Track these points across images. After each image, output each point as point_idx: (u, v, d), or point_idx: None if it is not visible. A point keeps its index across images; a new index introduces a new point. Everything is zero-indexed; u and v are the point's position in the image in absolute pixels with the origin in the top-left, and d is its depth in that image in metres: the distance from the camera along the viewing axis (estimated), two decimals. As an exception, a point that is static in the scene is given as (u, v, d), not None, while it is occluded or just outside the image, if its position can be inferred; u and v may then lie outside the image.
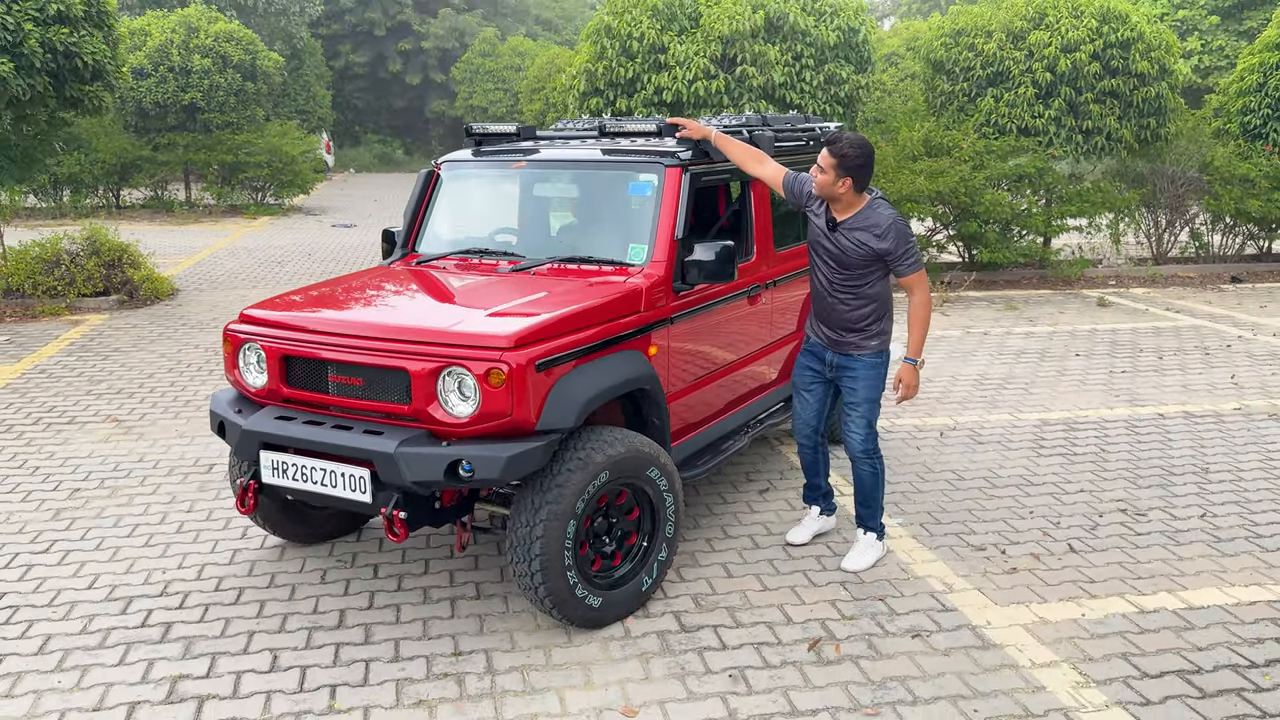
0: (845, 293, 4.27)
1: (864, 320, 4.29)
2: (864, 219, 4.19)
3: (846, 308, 4.28)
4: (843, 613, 4.10)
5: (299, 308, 4.14)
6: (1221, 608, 4.15)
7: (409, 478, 3.57)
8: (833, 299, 4.30)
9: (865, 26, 11.80)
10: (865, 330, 4.30)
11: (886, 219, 4.18)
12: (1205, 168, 12.25)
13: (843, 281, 4.25)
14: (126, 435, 6.41)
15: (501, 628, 3.98)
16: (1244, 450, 6.13)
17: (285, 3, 29.34)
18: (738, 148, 4.58)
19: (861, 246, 4.16)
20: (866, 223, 4.18)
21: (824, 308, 4.36)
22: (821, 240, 4.29)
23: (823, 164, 4.15)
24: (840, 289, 4.27)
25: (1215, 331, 9.55)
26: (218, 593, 4.29)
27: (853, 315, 4.28)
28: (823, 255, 4.29)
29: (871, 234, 4.15)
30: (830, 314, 4.33)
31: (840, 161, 4.09)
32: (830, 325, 4.36)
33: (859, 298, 4.26)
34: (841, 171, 4.11)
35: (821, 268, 4.32)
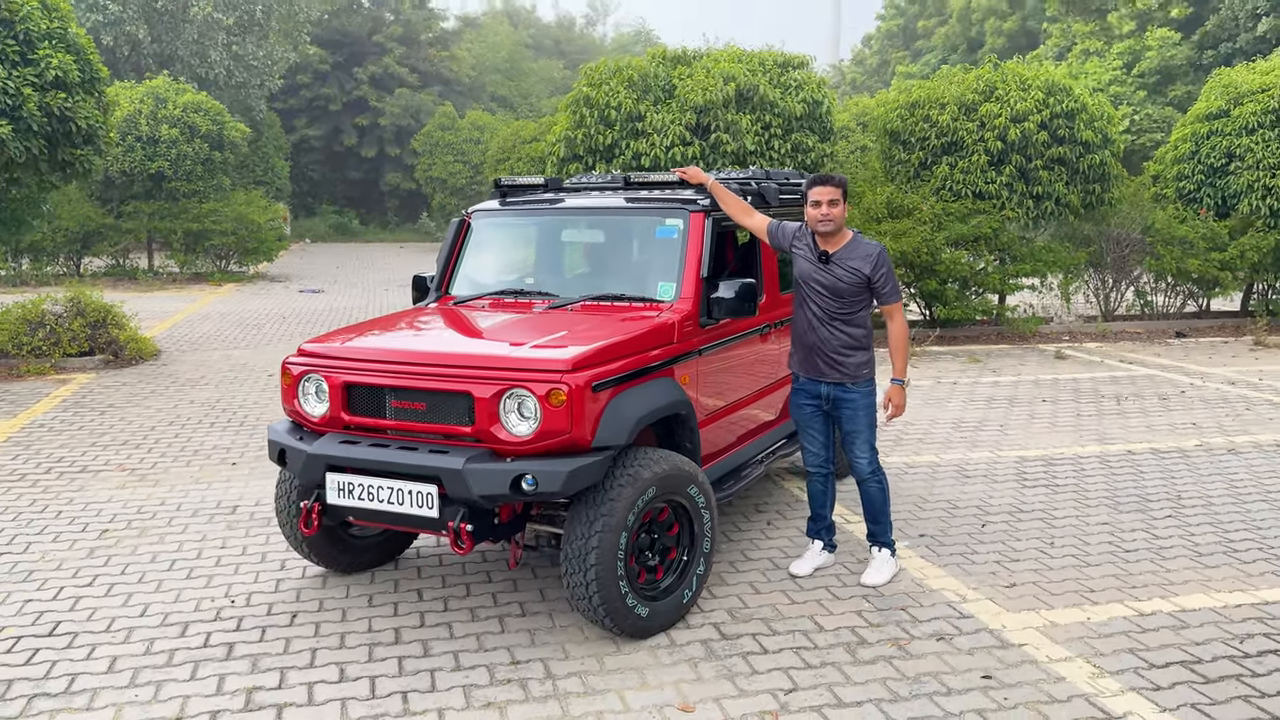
0: (839, 320, 4.63)
1: (855, 347, 4.66)
2: (854, 248, 4.63)
3: (839, 337, 4.64)
4: (869, 621, 4.40)
5: (358, 341, 4.40)
6: (1212, 610, 4.52)
7: (476, 492, 3.82)
8: (827, 329, 4.64)
9: (827, 100, 12.48)
10: (857, 356, 4.66)
11: (875, 248, 4.65)
12: (1147, 230, 13.03)
13: (837, 310, 4.62)
14: (142, 482, 6.52)
15: (552, 640, 4.20)
16: (1210, 480, 6.58)
17: (245, 76, 29.70)
18: (730, 198, 4.98)
19: (855, 274, 4.56)
20: (857, 252, 4.61)
21: (816, 340, 4.67)
22: (814, 274, 4.65)
23: (831, 196, 4.58)
24: (834, 317, 4.63)
25: (1168, 380, 10.14)
26: (270, 617, 4.45)
27: (845, 343, 4.64)
28: (816, 288, 4.64)
29: (864, 261, 4.57)
30: (824, 345, 4.66)
31: (844, 189, 4.61)
32: (824, 356, 4.67)
33: (851, 324, 4.64)
34: (842, 192, 4.60)
35: (815, 300, 4.66)
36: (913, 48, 47.61)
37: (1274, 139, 12.45)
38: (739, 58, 12.08)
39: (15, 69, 9.47)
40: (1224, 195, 12.90)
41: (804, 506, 5.97)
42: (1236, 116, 12.74)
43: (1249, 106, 12.66)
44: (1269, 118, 12.50)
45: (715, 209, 4.98)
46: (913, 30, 48.25)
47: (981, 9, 39.80)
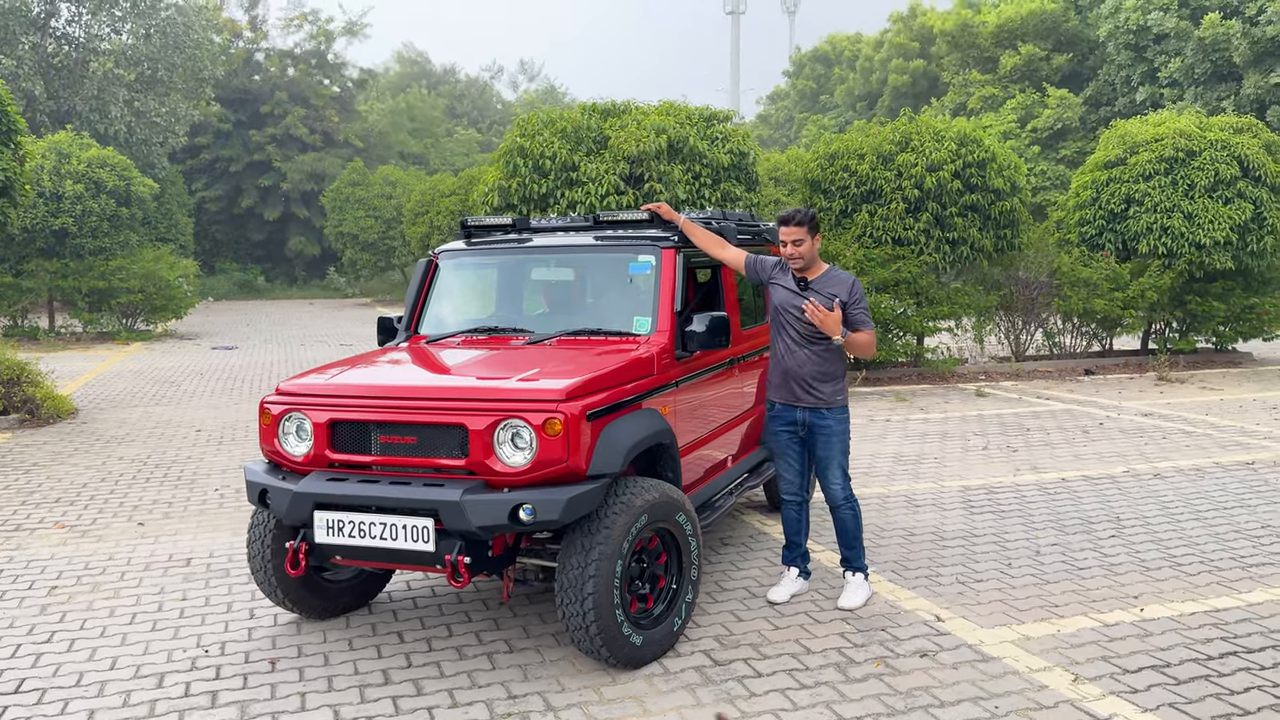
0: (816, 345, 4.83)
1: (830, 371, 4.85)
2: (830, 277, 4.89)
3: (815, 359, 4.83)
4: (853, 642, 4.49)
5: (342, 378, 4.37)
6: (1169, 619, 4.75)
7: (475, 523, 3.81)
8: (805, 353, 4.83)
9: (752, 151, 12.84)
10: (832, 381, 4.86)
11: (849, 278, 4.90)
12: (1053, 273, 13.69)
13: (814, 334, 4.81)
14: (84, 539, 6.26)
15: (545, 674, 4.18)
16: (1143, 503, 6.91)
17: (147, 133, 29.05)
18: (703, 234, 5.15)
19: (832, 299, 4.78)
20: (833, 280, 4.88)
21: (794, 364, 4.85)
22: (793, 301, 4.85)
23: (795, 236, 4.79)
24: (812, 341, 4.82)
25: (1085, 413, 10.61)
26: (249, 664, 4.32)
27: (822, 368, 4.84)
28: (795, 314, 4.83)
29: (841, 288, 4.83)
30: (801, 369, 4.84)
31: (808, 225, 4.80)
32: (801, 381, 4.85)
33: (827, 349, 4.84)
34: (810, 231, 4.81)
35: (793, 326, 4.86)
36: (817, 104, 49.27)
37: (1168, 184, 13.27)
38: (667, 111, 12.37)
39: (-71, 118, 9.15)
40: (1124, 238, 13.66)
41: (768, 538, 6.08)
42: (1133, 164, 13.55)
43: (1144, 155, 13.48)
44: (1162, 165, 13.33)
45: (685, 245, 5.11)
46: (813, 88, 49.98)
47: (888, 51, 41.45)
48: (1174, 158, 13.36)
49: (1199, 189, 13.18)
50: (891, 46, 41.42)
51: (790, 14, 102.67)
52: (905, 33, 41.34)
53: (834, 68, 48.62)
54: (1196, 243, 13.08)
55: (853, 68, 46.70)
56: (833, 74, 48.57)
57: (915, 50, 40.60)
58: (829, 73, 49.00)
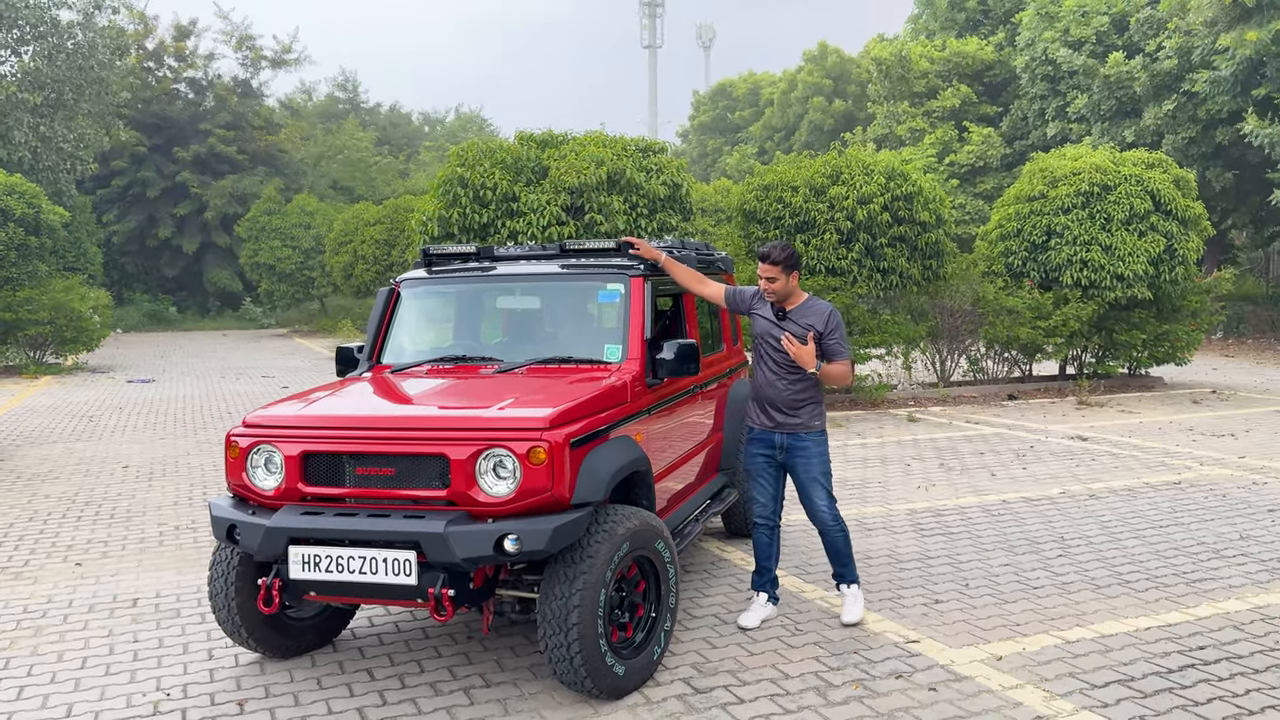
0: (794, 373, 4.94)
1: (807, 397, 4.97)
2: (808, 307, 5.00)
3: (794, 388, 4.95)
4: (829, 665, 4.53)
5: (313, 409, 4.27)
6: (1126, 634, 4.91)
7: (459, 555, 3.76)
8: (783, 381, 4.96)
9: (686, 183, 13.00)
10: (809, 406, 4.98)
11: (826, 308, 5.01)
12: (978, 302, 14.11)
13: (793, 364, 4.92)
14: (17, 580, 5.98)
15: (525, 708, 4.12)
16: (1084, 522, 7.14)
17: (54, 159, 28.06)
18: (682, 270, 5.23)
19: (808, 329, 4.91)
20: (811, 310, 4.99)
21: (774, 392, 4.97)
22: (772, 331, 4.96)
23: (769, 274, 4.91)
24: (790, 370, 4.94)
25: (1014, 437, 10.93)
26: (216, 706, 4.17)
27: (799, 395, 4.96)
28: (774, 344, 4.95)
29: (817, 318, 4.94)
30: (779, 396, 4.96)
31: (782, 264, 4.89)
32: (779, 407, 4.97)
33: (802, 379, 4.95)
34: (785, 270, 4.90)
35: (772, 355, 4.97)
36: (730, 138, 50.14)
37: (1085, 217, 13.81)
38: (604, 142, 12.45)
39: None
40: (1046, 269, 14.15)
41: (729, 564, 6.11)
42: (1053, 198, 14.08)
43: (1063, 189, 14.02)
44: (1080, 199, 13.88)
45: (654, 273, 5.14)
46: (726, 124, 50.92)
47: (805, 87, 42.41)
48: (1090, 192, 13.93)
49: (1115, 222, 13.74)
50: (806, 85, 42.48)
51: (705, 49, 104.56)
52: (818, 71, 42.46)
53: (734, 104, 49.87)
54: (1118, 274, 13.62)
55: (754, 102, 47.89)
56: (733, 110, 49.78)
57: (829, 87, 41.74)
58: (729, 108, 50.19)
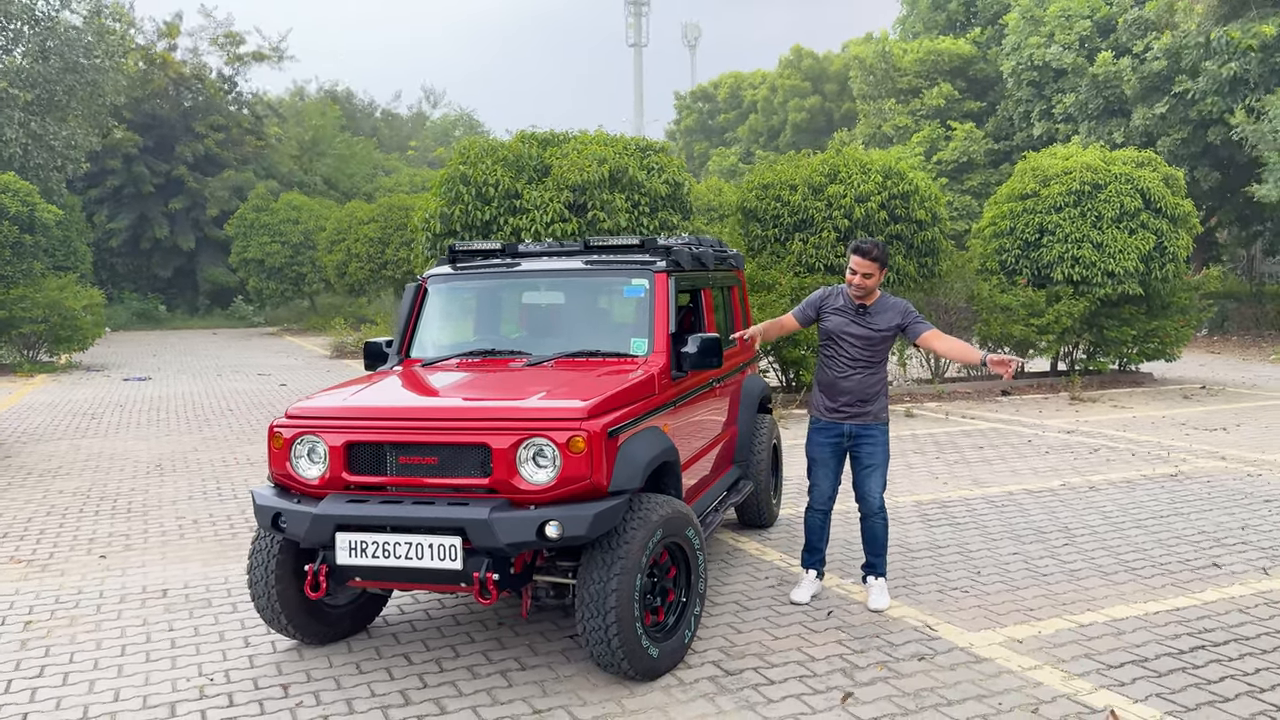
0: (868, 366, 5.24)
1: (880, 388, 5.27)
2: (884, 303, 5.29)
3: (867, 382, 5.24)
4: (852, 649, 4.68)
5: (355, 400, 4.39)
6: (1137, 618, 5.07)
7: (503, 540, 3.88)
8: (858, 374, 5.23)
9: (687, 182, 13.15)
10: (880, 398, 5.28)
11: (899, 301, 5.32)
12: (972, 299, 14.31)
13: (868, 357, 5.22)
14: (44, 573, 6.06)
15: (563, 689, 4.25)
16: (1086, 513, 7.31)
17: (45, 157, 27.93)
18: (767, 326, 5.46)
19: (889, 325, 5.22)
20: (887, 305, 5.28)
21: (848, 385, 5.22)
22: (848, 328, 5.23)
23: (866, 270, 5.14)
24: (865, 364, 5.23)
25: (1012, 431, 11.12)
26: (259, 691, 4.28)
27: (873, 387, 5.25)
28: (850, 338, 5.22)
29: (895, 314, 5.24)
30: (855, 389, 5.22)
31: (880, 261, 5.15)
32: (853, 399, 5.24)
33: (876, 371, 5.26)
34: (881, 267, 5.18)
35: (847, 350, 5.22)
36: (715, 140, 50.40)
37: (1077, 215, 14.03)
38: (606, 141, 12.59)
39: None
40: (1038, 266, 14.36)
41: (744, 554, 6.25)
42: (1045, 196, 14.29)
43: (1055, 188, 14.23)
44: (1071, 197, 14.09)
45: (676, 269, 5.28)
46: (710, 125, 51.18)
47: (785, 91, 42.70)
48: (1082, 190, 14.14)
49: (1106, 220, 13.96)
50: (786, 89, 42.77)
51: (691, 47, 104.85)
52: (795, 74, 42.80)
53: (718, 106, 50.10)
54: (1109, 271, 13.84)
55: (736, 105, 48.18)
56: (718, 112, 50.02)
57: (808, 89, 42.06)
58: (714, 109, 50.41)
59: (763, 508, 6.66)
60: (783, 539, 6.61)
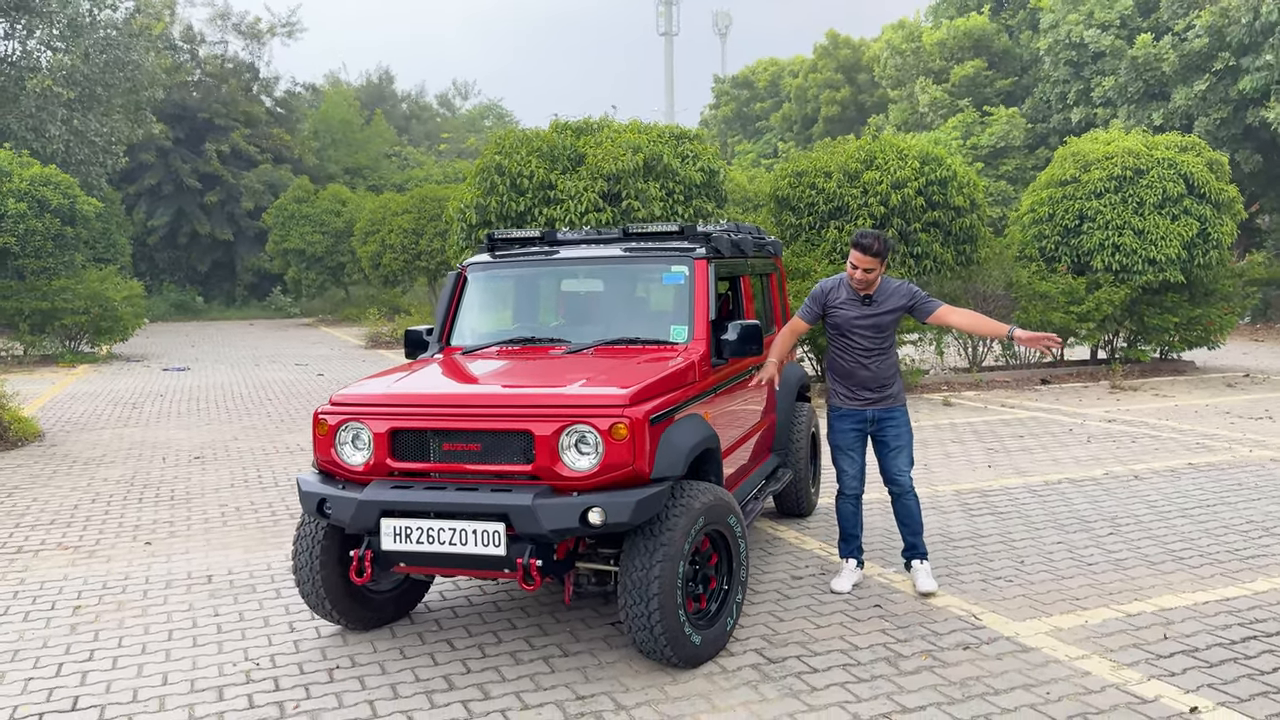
0: (881, 354, 5.25)
1: (895, 370, 5.30)
2: (886, 288, 5.27)
3: (883, 366, 5.26)
4: (896, 638, 4.64)
5: (399, 387, 4.40)
6: (1186, 608, 4.99)
7: (546, 526, 3.88)
8: (872, 361, 5.24)
9: (722, 170, 13.08)
10: (897, 381, 5.33)
11: (901, 283, 5.30)
12: (1011, 286, 14.14)
13: (878, 345, 5.22)
14: (91, 559, 6.15)
15: (605, 675, 4.25)
16: (1130, 502, 7.21)
17: (87, 152, 28.31)
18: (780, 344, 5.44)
19: (895, 310, 5.20)
20: (889, 290, 5.26)
21: (865, 375, 5.24)
22: (856, 320, 5.21)
23: (868, 265, 5.10)
24: (876, 352, 5.24)
25: (1052, 420, 10.99)
26: (306, 675, 4.32)
27: (889, 370, 5.28)
28: (860, 329, 5.20)
29: (900, 297, 5.23)
30: (871, 377, 5.24)
31: (882, 256, 5.11)
32: (872, 387, 5.27)
33: (887, 355, 5.28)
34: (883, 261, 5.14)
35: (858, 341, 5.22)
36: (749, 129, 50.09)
37: (1118, 201, 13.82)
38: (640, 129, 12.55)
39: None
40: (1078, 253, 14.17)
41: (784, 543, 6.22)
42: (1086, 182, 14.09)
43: (1095, 173, 14.03)
44: (1113, 183, 13.89)
45: (715, 256, 5.25)
46: (747, 114, 50.84)
47: (818, 83, 42.38)
48: (1123, 176, 13.92)
49: (1148, 206, 13.74)
50: (819, 81, 42.40)
51: (722, 36, 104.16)
52: (829, 65, 42.37)
53: (755, 94, 49.63)
54: (1150, 258, 13.63)
55: (774, 93, 47.75)
56: (755, 99, 49.57)
57: (840, 81, 41.69)
58: (751, 97, 49.97)
59: (801, 496, 6.62)
60: (821, 528, 6.57)
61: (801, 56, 46.40)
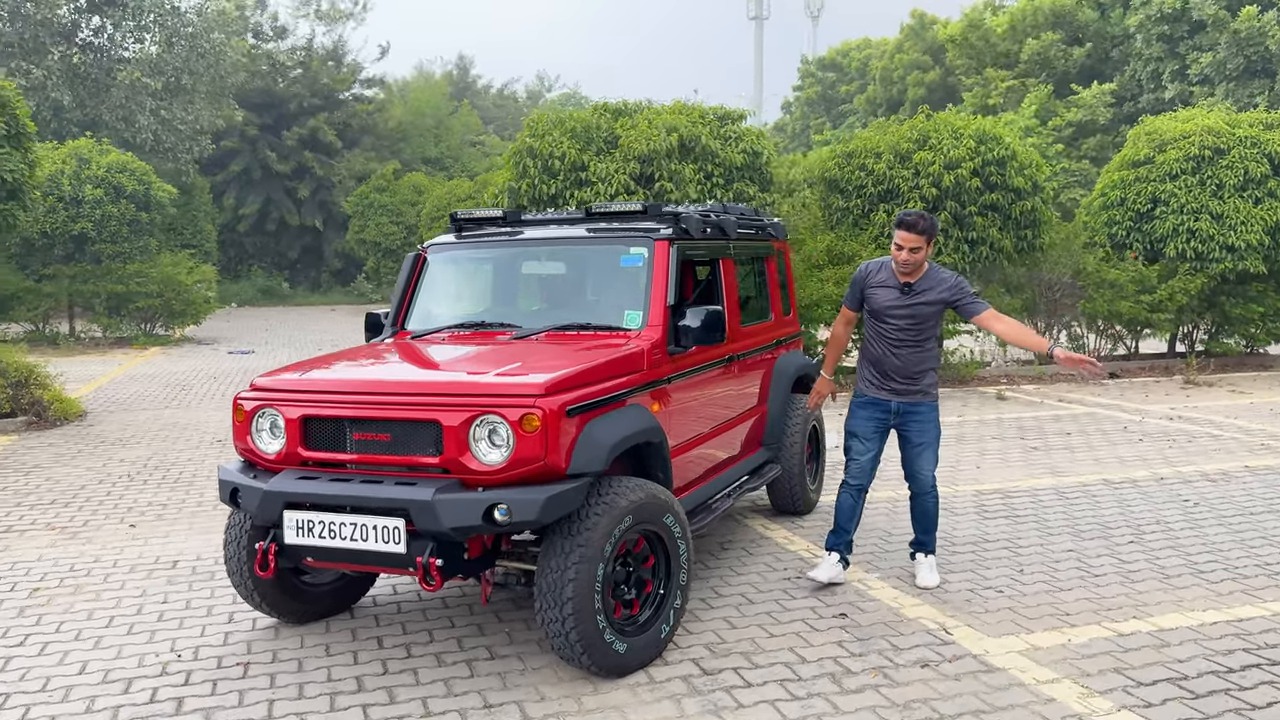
0: (914, 345, 4.92)
1: (928, 367, 4.96)
2: (932, 276, 4.92)
3: (915, 359, 4.93)
4: (851, 650, 4.28)
5: (315, 373, 4.21)
6: (1189, 629, 4.50)
7: (447, 524, 3.64)
8: (905, 352, 4.92)
9: (767, 151, 12.64)
10: (928, 376, 4.98)
11: (950, 276, 4.93)
12: (1078, 274, 13.37)
13: (913, 337, 4.91)
14: (73, 540, 6.15)
15: (525, 682, 4.00)
16: (1165, 507, 6.64)
17: (173, 141, 29.17)
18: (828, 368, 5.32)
19: (935, 303, 4.86)
20: (934, 281, 4.90)
21: (895, 364, 4.93)
22: (893, 307, 4.90)
23: (914, 244, 4.77)
24: (910, 343, 4.91)
25: (1108, 416, 10.31)
26: (221, 670, 4.17)
27: (922, 363, 4.95)
28: (895, 317, 4.89)
29: (943, 287, 4.87)
30: (901, 367, 4.93)
31: (928, 234, 4.76)
32: (901, 377, 4.95)
33: (924, 349, 4.94)
34: (928, 241, 4.79)
35: (892, 328, 4.91)
36: (834, 112, 48.96)
37: (1195, 184, 12.93)
38: (680, 110, 12.20)
39: (-65, 119, 9.13)
40: (1151, 240, 13.32)
41: (770, 543, 5.87)
42: (1160, 163, 13.21)
43: (1171, 154, 13.14)
44: (1190, 164, 12.99)
45: (679, 237, 4.92)
46: (833, 96, 49.68)
47: (904, 65, 41.13)
48: (1201, 156, 13.01)
49: (1228, 188, 12.82)
50: (907, 62, 41.04)
51: (814, 18, 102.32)
52: (917, 46, 40.94)
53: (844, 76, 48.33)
54: (1228, 244, 12.72)
55: (862, 74, 46.43)
56: (842, 82, 48.30)
57: (929, 64, 40.26)
58: (839, 80, 48.73)
59: (796, 493, 6.25)
60: (816, 527, 6.20)
61: (888, 39, 45.08)
